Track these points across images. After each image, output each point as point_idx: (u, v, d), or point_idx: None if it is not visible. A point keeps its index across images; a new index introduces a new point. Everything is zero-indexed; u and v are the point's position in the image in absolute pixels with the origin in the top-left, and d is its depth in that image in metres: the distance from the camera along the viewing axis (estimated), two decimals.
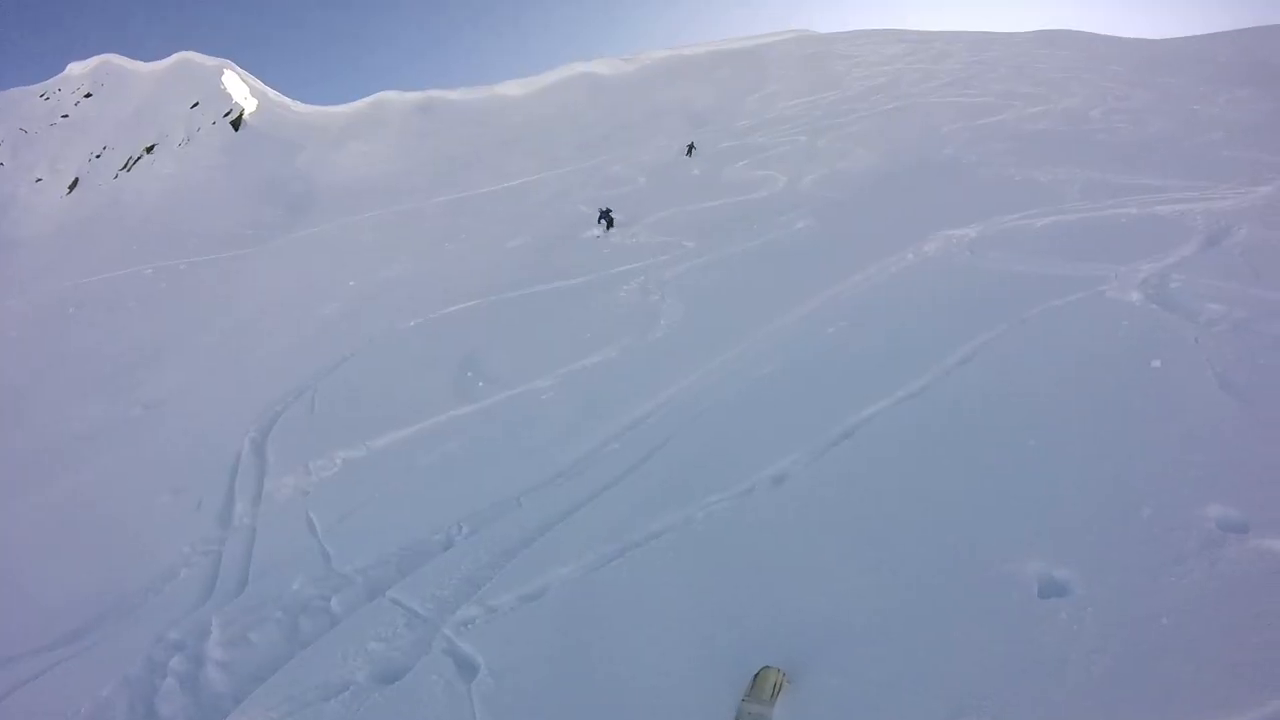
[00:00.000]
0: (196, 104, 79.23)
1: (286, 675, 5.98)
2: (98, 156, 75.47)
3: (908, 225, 14.14)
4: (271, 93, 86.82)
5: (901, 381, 8.02)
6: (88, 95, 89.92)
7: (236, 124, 74.51)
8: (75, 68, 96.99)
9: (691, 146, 34.30)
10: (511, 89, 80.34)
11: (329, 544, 8.17)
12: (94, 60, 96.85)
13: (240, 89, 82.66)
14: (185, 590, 8.11)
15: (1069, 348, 7.88)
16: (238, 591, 7.72)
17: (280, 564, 8.01)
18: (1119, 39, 49.80)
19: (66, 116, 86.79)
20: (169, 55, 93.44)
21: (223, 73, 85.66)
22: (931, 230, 13.38)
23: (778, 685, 4.53)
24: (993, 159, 19.23)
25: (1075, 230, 11.96)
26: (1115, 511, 5.21)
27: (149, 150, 73.60)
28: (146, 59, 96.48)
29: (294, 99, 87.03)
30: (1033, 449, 6.23)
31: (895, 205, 16.97)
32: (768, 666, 4.66)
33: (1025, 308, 9.03)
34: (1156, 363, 7.04)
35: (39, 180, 73.61)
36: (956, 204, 15.18)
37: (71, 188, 70.64)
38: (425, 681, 5.41)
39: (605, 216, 23.14)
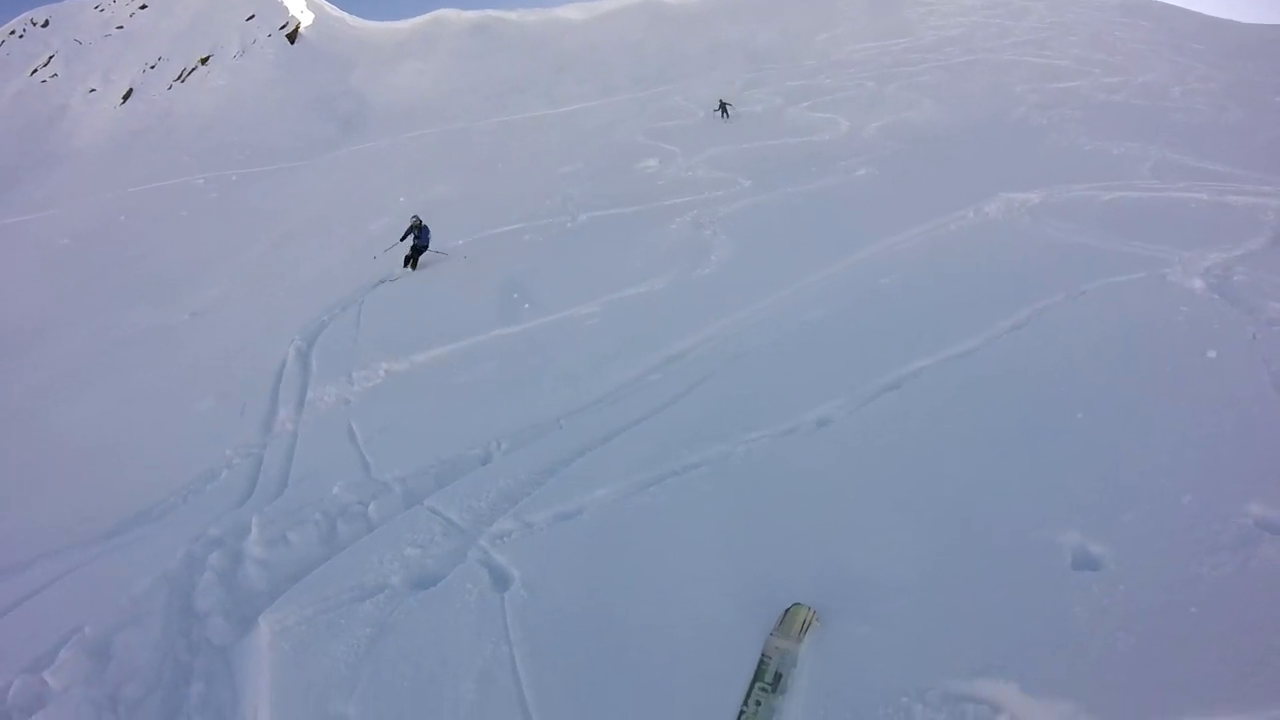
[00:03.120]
0: (252, 16, 78.98)
1: (322, 575, 6.06)
2: (151, 68, 75.63)
3: (970, 183, 13.74)
4: (328, 6, 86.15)
5: (952, 339, 7.82)
6: (143, 7, 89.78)
7: (292, 37, 74.30)
8: None
9: (724, 106, 30.07)
10: (571, 13, 78.89)
11: (369, 452, 8.24)
12: None
13: (297, 2, 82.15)
14: (226, 491, 8.25)
15: (1125, 326, 7.60)
16: (277, 494, 7.82)
17: (320, 470, 8.09)
18: (1203, 16, 47.46)
19: (121, 28, 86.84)
20: None
21: None
22: (994, 191, 12.96)
23: (806, 623, 4.48)
24: (1064, 125, 18.61)
25: (1142, 208, 11.48)
26: (1156, 495, 5.04)
27: (203, 62, 73.71)
28: None
29: (350, 13, 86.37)
30: (1079, 422, 6.04)
31: (959, 161, 16.56)
32: (798, 604, 4.61)
33: (1084, 280, 8.71)
34: (1212, 353, 6.74)
35: (92, 91, 74.01)
36: (1022, 167, 14.78)
37: (125, 99, 70.99)
38: (459, 589, 5.44)
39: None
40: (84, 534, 7.81)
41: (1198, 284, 8.31)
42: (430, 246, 16.23)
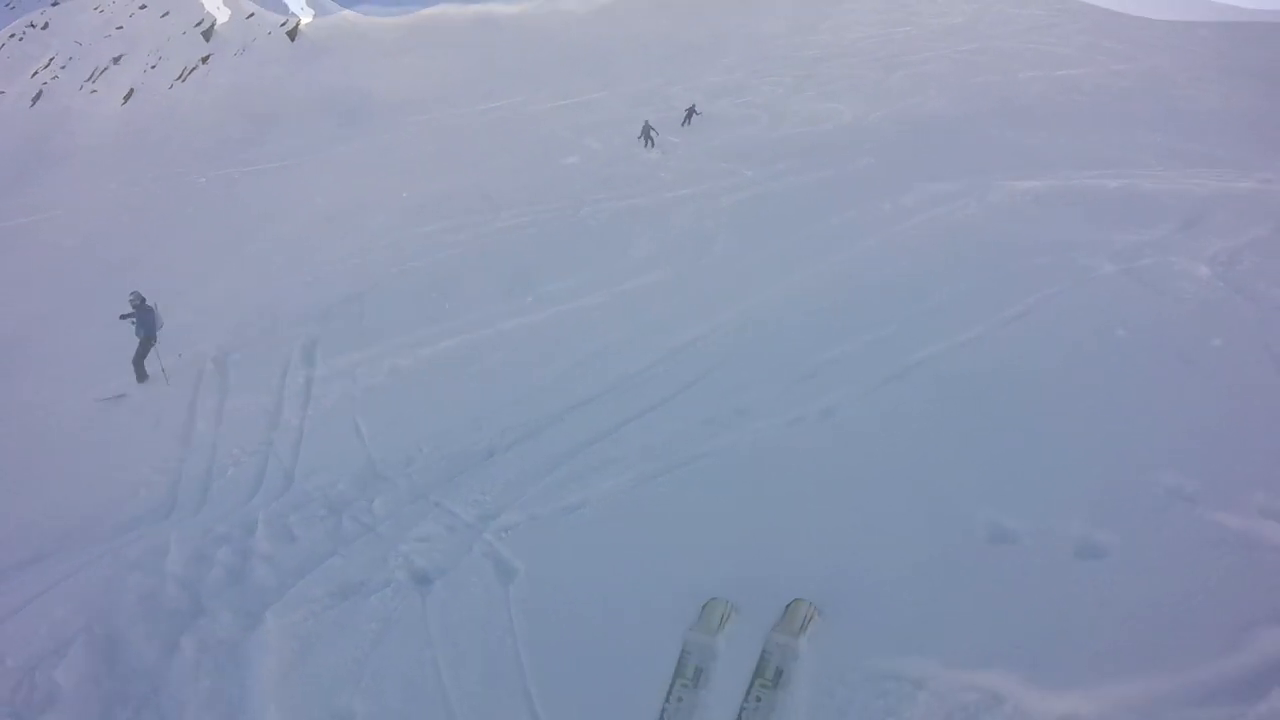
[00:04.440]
0: (252, 14, 78.86)
1: (329, 570, 6.08)
2: (153, 68, 75.50)
3: (974, 171, 13.68)
4: (328, 3, 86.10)
5: (957, 328, 7.79)
6: (142, 7, 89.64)
7: (292, 35, 74.13)
8: None
9: (691, 112, 28.30)
10: (572, 5, 78.41)
11: (374, 447, 8.27)
12: None
13: None
14: (233, 487, 8.29)
15: (1129, 314, 7.53)
16: (284, 490, 7.85)
17: (326, 465, 8.12)
18: (1210, 3, 47.27)
19: (121, 28, 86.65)
20: None
21: None
22: (999, 179, 12.91)
23: (808, 618, 4.46)
24: (1069, 113, 18.53)
25: (1148, 196, 11.36)
26: (1161, 483, 5.01)
27: (204, 61, 73.58)
28: None
29: (350, 9, 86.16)
30: (1084, 410, 6.02)
31: (963, 150, 16.43)
32: (799, 599, 4.58)
33: (1089, 268, 8.68)
34: (1217, 341, 6.69)
35: (94, 92, 73.78)
36: (1027, 155, 14.69)
37: (126, 99, 70.86)
38: (464, 582, 5.46)
39: None
40: (91, 531, 7.86)
41: (1203, 271, 8.25)
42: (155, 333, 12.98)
